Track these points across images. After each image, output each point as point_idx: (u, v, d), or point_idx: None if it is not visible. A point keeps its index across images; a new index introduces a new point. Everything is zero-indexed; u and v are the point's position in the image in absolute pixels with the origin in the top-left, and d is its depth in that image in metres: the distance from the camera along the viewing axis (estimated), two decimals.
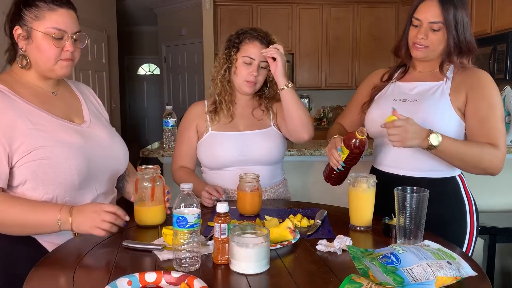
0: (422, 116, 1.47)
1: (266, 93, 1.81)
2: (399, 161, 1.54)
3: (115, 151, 1.47)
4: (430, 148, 1.36)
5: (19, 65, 1.33)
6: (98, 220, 1.20)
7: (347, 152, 1.45)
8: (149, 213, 1.39)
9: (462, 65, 1.52)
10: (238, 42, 1.73)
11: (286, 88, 1.64)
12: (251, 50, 1.70)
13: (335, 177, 1.58)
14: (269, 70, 1.72)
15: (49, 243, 1.32)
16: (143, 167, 1.40)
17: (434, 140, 1.34)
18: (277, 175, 1.82)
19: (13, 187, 1.28)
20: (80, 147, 1.34)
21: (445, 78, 1.52)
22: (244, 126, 1.78)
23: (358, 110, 1.73)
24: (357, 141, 1.42)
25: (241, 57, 1.71)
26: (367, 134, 1.46)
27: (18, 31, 1.31)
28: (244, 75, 1.71)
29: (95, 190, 1.40)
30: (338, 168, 1.52)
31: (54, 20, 1.29)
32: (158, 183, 1.39)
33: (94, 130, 1.43)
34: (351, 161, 1.49)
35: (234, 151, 1.71)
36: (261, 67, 1.71)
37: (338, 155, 1.48)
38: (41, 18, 1.28)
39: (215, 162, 1.74)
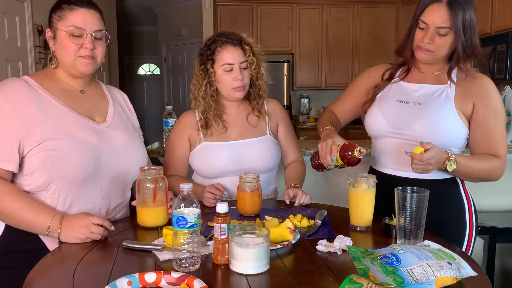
0: (427, 120, 1.47)
1: (252, 94, 1.78)
2: (399, 162, 1.54)
3: (129, 155, 1.47)
4: (444, 170, 1.41)
5: (51, 65, 1.44)
6: (88, 233, 1.25)
7: (340, 162, 1.47)
8: (151, 214, 1.39)
9: (466, 69, 1.49)
10: (211, 53, 1.68)
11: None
12: (227, 56, 1.66)
13: (322, 168, 1.59)
14: (254, 69, 1.70)
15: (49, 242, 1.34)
16: (146, 167, 1.39)
17: (450, 167, 1.39)
18: (270, 184, 1.81)
19: (23, 175, 1.33)
20: (92, 145, 1.37)
21: (449, 82, 1.51)
22: (237, 134, 1.75)
23: (353, 101, 1.73)
24: (354, 158, 1.44)
25: (219, 67, 1.67)
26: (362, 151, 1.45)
27: (48, 33, 1.42)
28: (230, 83, 1.67)
29: (100, 190, 1.41)
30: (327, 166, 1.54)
31: (73, 19, 1.37)
32: (160, 184, 1.39)
33: (112, 131, 1.46)
34: (341, 168, 1.52)
35: (228, 161, 1.69)
36: (242, 68, 1.68)
37: (331, 160, 1.48)
38: (64, 18, 1.38)
39: (209, 172, 1.72)
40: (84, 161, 1.34)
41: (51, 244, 1.33)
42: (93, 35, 1.39)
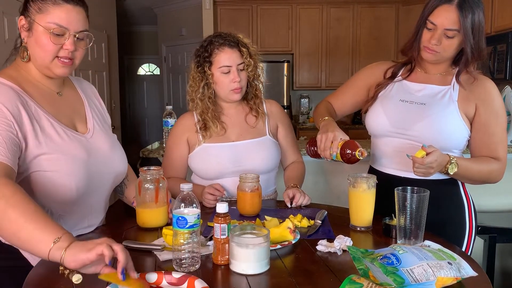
0: (430, 121, 1.47)
1: (249, 94, 1.78)
2: (400, 163, 1.54)
3: (115, 164, 1.41)
4: (445, 173, 1.41)
5: (21, 57, 1.27)
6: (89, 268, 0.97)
7: (339, 159, 1.46)
8: (152, 215, 1.37)
9: (470, 71, 1.49)
10: (208, 55, 1.67)
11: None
12: (225, 58, 1.65)
13: (318, 157, 1.58)
14: (251, 71, 1.70)
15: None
16: (146, 168, 1.37)
17: (451, 170, 1.39)
18: (270, 185, 1.81)
19: None
20: (84, 162, 1.27)
21: (452, 83, 1.51)
22: (237, 136, 1.75)
23: (352, 96, 1.73)
24: (354, 158, 1.43)
25: (217, 69, 1.66)
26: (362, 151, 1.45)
27: (22, 21, 1.25)
28: (227, 85, 1.67)
29: (89, 206, 1.36)
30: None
31: (56, 15, 1.21)
32: (161, 184, 1.37)
33: (96, 141, 1.37)
34: (337, 162, 1.51)
35: (228, 162, 1.69)
36: (240, 69, 1.67)
37: (329, 155, 1.48)
38: (44, 11, 1.21)
39: (209, 174, 1.71)
40: (79, 181, 1.24)
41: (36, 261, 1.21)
42: (76, 36, 1.24)
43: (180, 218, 1.07)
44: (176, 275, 1.00)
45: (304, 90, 5.90)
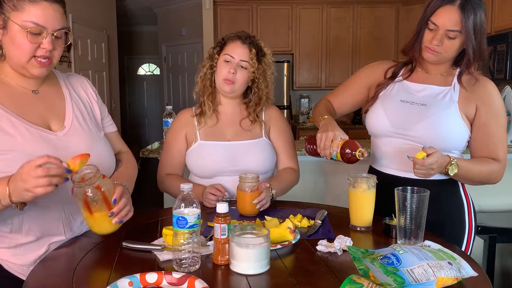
0: (430, 122, 1.47)
1: (251, 101, 1.79)
2: (400, 163, 1.53)
3: (92, 161, 1.20)
4: (445, 174, 1.41)
5: None
6: (32, 180, 1.00)
7: (339, 158, 1.46)
8: (91, 223, 1.19)
9: (471, 72, 1.49)
10: (223, 43, 1.77)
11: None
12: (232, 49, 1.72)
13: (316, 155, 1.58)
14: (253, 72, 1.72)
15: (4, 261, 1.24)
16: (76, 176, 1.11)
17: (452, 171, 1.39)
18: None
19: None
20: None
21: (452, 84, 1.51)
22: (232, 135, 1.76)
23: (352, 95, 1.73)
24: (354, 158, 1.43)
25: (222, 55, 1.74)
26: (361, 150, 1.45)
27: None
28: (224, 73, 1.71)
29: (62, 208, 1.27)
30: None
31: (33, 14, 1.16)
32: (90, 194, 1.12)
33: (71, 138, 1.29)
34: (336, 161, 1.51)
35: (224, 161, 1.70)
36: (241, 66, 1.71)
37: (329, 153, 1.47)
38: (20, 9, 1.16)
39: (205, 171, 1.72)
40: None
41: (9, 265, 1.21)
42: (54, 34, 1.19)
43: (180, 218, 1.07)
44: (176, 275, 1.00)
45: (304, 90, 5.90)
